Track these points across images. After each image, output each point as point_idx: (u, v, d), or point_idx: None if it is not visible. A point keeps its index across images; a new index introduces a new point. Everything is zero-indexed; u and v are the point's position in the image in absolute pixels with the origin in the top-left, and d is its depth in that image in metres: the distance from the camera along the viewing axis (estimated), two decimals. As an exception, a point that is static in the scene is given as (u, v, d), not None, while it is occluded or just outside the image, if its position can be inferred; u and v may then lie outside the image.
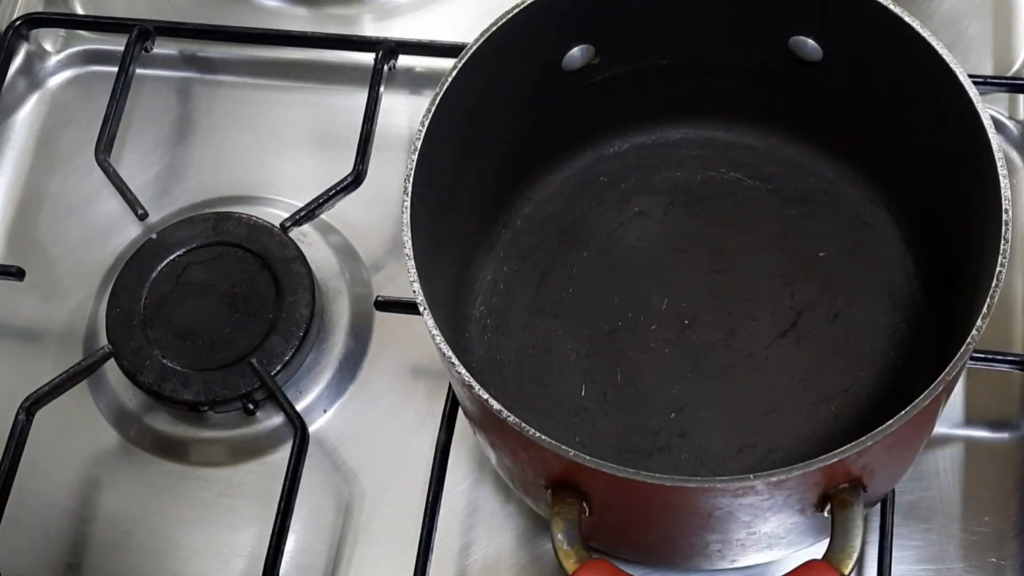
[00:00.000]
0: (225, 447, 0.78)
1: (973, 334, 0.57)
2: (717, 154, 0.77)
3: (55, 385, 0.76)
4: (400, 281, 0.79)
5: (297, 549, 0.74)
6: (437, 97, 0.65)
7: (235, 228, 0.80)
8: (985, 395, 0.75)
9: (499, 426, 0.58)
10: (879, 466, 0.59)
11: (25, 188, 0.88)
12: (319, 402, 0.78)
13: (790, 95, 0.74)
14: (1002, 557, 0.71)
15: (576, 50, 0.71)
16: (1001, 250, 0.59)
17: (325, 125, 0.87)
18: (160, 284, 0.79)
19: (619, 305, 0.74)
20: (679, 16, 0.71)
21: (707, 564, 0.68)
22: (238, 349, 0.77)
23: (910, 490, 0.72)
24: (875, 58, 0.68)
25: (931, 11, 0.86)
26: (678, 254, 0.75)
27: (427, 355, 0.77)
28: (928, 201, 0.71)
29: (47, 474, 0.77)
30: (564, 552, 0.58)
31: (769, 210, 0.76)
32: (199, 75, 0.90)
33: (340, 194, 0.80)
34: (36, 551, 0.76)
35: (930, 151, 0.68)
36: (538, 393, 0.72)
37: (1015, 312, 0.77)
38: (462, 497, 0.75)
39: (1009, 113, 0.83)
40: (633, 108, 0.76)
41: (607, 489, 0.58)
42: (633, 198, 0.77)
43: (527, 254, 0.76)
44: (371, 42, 0.86)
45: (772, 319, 0.73)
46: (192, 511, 0.76)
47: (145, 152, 0.87)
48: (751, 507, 0.58)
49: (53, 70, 0.92)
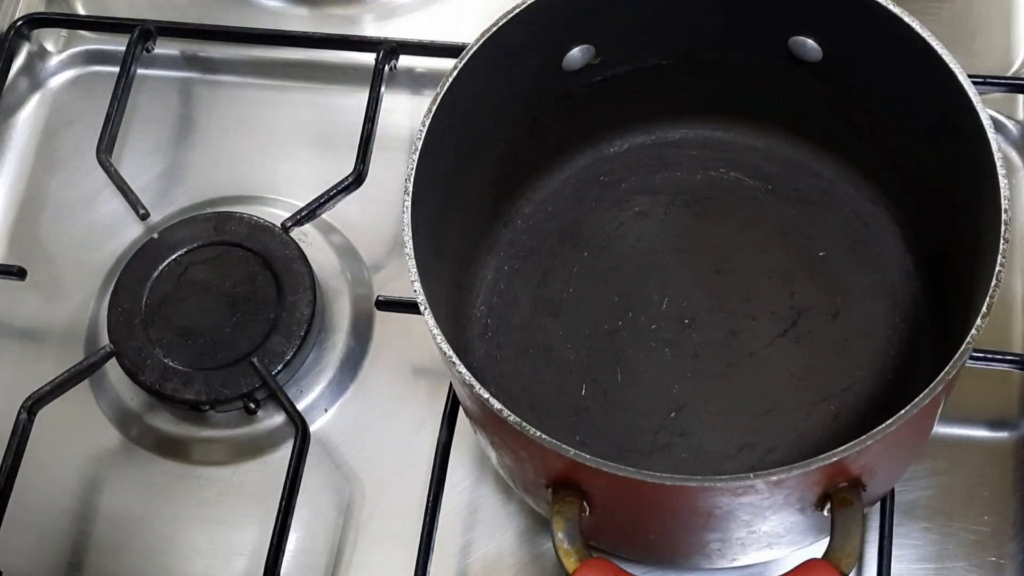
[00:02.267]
0: (226, 446, 0.78)
1: (973, 334, 0.57)
2: (717, 154, 0.77)
3: (57, 384, 0.76)
4: (401, 281, 0.79)
5: (298, 548, 0.74)
6: (438, 97, 0.65)
7: (236, 228, 0.80)
8: (985, 395, 0.75)
9: (500, 425, 0.58)
10: (879, 465, 0.59)
11: (27, 188, 0.88)
12: (320, 401, 0.78)
13: (790, 95, 0.74)
14: (1002, 556, 0.71)
15: (576, 50, 0.71)
16: (1001, 250, 0.59)
17: (326, 125, 0.87)
18: (161, 284, 0.79)
19: (619, 305, 0.74)
20: (679, 16, 0.71)
21: (707, 563, 0.68)
22: (239, 348, 0.77)
23: (910, 489, 0.72)
24: (875, 58, 0.68)
25: (931, 11, 0.86)
26: (678, 254, 0.75)
27: (428, 354, 0.77)
28: (928, 201, 0.71)
29: (49, 473, 0.78)
30: (564, 551, 0.58)
31: (769, 210, 0.76)
32: (200, 75, 0.90)
33: (341, 194, 0.80)
34: (38, 550, 0.76)
35: (930, 151, 0.68)
36: (538, 393, 0.72)
37: (1015, 312, 0.77)
38: (463, 496, 0.75)
39: (1009, 113, 0.83)
40: (633, 108, 0.76)
41: (607, 488, 0.58)
42: (633, 198, 0.77)
43: (527, 254, 0.76)
44: (372, 42, 0.86)
45: (772, 319, 0.73)
46: (193, 510, 0.76)
47: (146, 152, 0.88)
48: (751, 506, 0.58)
49: (54, 70, 0.92)
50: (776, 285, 0.74)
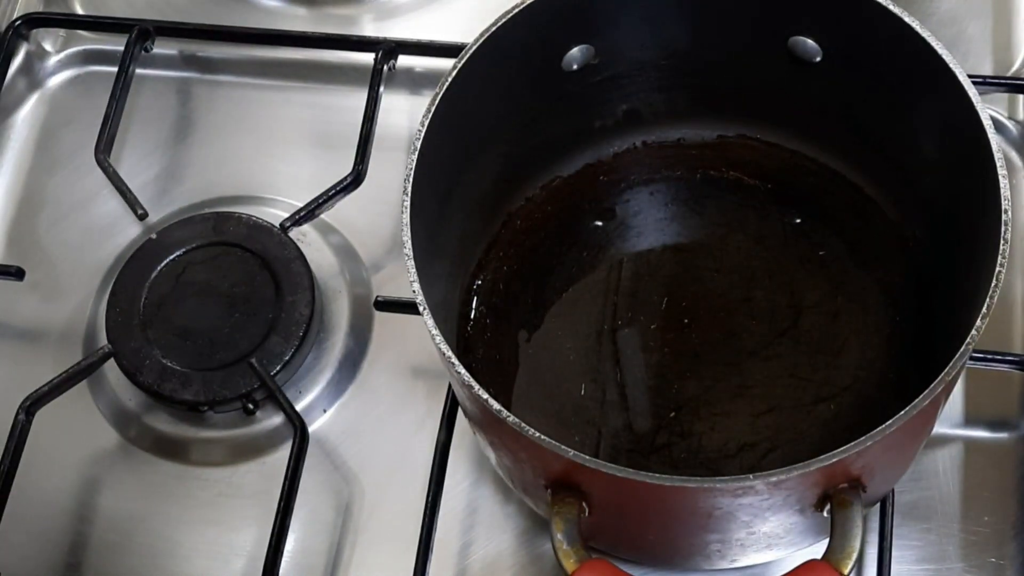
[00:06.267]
0: (225, 447, 0.78)
1: (973, 334, 0.57)
2: (717, 154, 0.77)
3: (55, 385, 0.76)
4: (400, 281, 0.79)
5: (297, 549, 0.74)
6: (437, 97, 0.65)
7: (235, 228, 0.80)
8: (985, 395, 0.75)
9: (499, 426, 0.58)
10: (878, 466, 0.59)
11: (25, 188, 0.88)
12: (319, 402, 0.78)
13: (790, 95, 0.74)
14: (1002, 557, 0.71)
15: (576, 50, 0.71)
16: (1001, 250, 0.59)
17: (325, 125, 0.87)
18: (160, 284, 0.79)
19: (619, 305, 0.74)
20: (679, 16, 0.71)
21: (707, 564, 0.68)
22: (238, 349, 0.77)
23: (910, 490, 0.72)
24: (875, 58, 0.68)
25: (931, 11, 0.86)
26: (678, 254, 0.75)
27: (427, 355, 0.77)
28: (928, 201, 0.71)
29: (47, 474, 0.77)
30: (564, 552, 0.58)
31: (769, 210, 0.76)
32: (199, 75, 0.90)
33: (340, 194, 0.80)
34: (36, 551, 0.76)
35: (930, 151, 0.68)
36: (538, 393, 0.72)
37: (1015, 312, 0.77)
38: (462, 497, 0.75)
39: (1009, 113, 0.83)
40: (633, 108, 0.76)
41: (607, 489, 0.58)
42: (633, 198, 0.77)
43: (527, 254, 0.76)
44: (371, 42, 0.86)
45: (772, 318, 0.73)
46: (192, 511, 0.76)
47: (145, 152, 0.87)
48: (750, 507, 0.58)
49: (53, 70, 0.92)
50: (776, 285, 0.74)
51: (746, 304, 0.73)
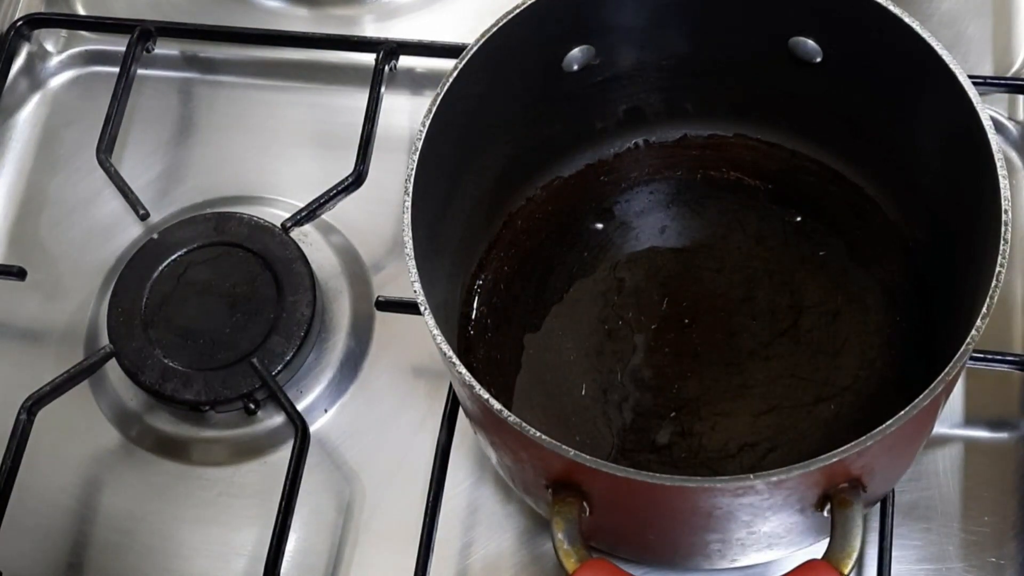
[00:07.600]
0: (226, 447, 0.78)
1: (973, 334, 0.57)
2: (717, 154, 0.78)
3: (56, 385, 0.76)
4: (401, 281, 0.80)
5: (298, 549, 0.74)
6: (438, 97, 0.65)
7: (236, 228, 0.80)
8: (985, 395, 0.75)
9: (499, 426, 0.58)
10: (879, 466, 0.59)
11: (27, 188, 0.88)
12: (320, 402, 0.78)
13: (790, 95, 0.74)
14: (1001, 557, 0.71)
15: (576, 50, 0.71)
16: (1001, 250, 0.59)
17: (326, 125, 0.87)
18: (161, 284, 0.79)
19: (619, 305, 0.74)
20: (680, 17, 0.71)
21: (707, 564, 0.68)
22: (239, 349, 0.77)
23: (910, 490, 0.72)
24: (875, 59, 0.68)
25: (931, 11, 0.86)
26: (678, 254, 0.75)
27: (428, 355, 0.77)
28: (928, 201, 0.71)
29: (48, 474, 0.78)
30: (564, 552, 0.58)
31: (769, 210, 0.76)
32: (200, 75, 0.90)
33: (341, 194, 0.80)
34: (37, 550, 0.76)
35: (930, 151, 0.68)
36: (539, 393, 0.72)
37: (1015, 312, 0.77)
38: (462, 497, 0.75)
39: (1009, 113, 0.83)
40: (633, 108, 0.76)
41: (607, 489, 0.58)
42: (633, 198, 0.77)
43: (527, 254, 0.76)
44: (372, 43, 0.86)
45: (772, 319, 0.73)
46: (193, 511, 0.76)
47: (146, 152, 0.88)
48: (751, 507, 0.58)
49: (54, 70, 0.92)
50: (776, 285, 0.74)
51: (746, 304, 0.74)
